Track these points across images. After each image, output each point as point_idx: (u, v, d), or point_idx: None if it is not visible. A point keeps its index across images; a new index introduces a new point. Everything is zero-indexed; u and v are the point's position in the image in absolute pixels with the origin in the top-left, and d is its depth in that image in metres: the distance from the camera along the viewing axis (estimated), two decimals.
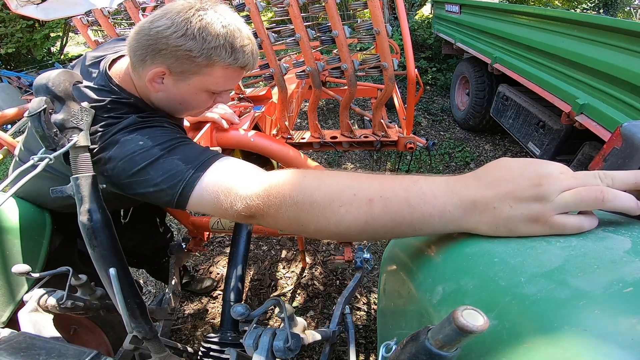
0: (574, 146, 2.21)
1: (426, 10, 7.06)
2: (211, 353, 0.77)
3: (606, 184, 0.34)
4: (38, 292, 0.59)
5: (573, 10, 7.51)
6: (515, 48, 2.65)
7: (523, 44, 2.53)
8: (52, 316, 0.59)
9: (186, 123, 0.93)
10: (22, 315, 0.56)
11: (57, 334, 0.57)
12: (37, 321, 0.56)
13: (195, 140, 0.85)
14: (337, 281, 2.01)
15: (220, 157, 0.59)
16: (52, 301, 0.58)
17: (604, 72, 1.80)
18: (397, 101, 1.99)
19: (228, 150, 1.12)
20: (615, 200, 0.33)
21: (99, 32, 1.45)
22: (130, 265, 0.56)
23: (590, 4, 8.73)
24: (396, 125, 1.41)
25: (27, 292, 0.65)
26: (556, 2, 8.32)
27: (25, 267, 0.57)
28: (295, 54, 2.16)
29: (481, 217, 0.38)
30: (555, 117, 2.27)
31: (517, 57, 2.64)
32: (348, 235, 0.45)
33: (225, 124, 0.97)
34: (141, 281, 2.05)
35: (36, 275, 0.59)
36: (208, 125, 0.93)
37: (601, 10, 8.84)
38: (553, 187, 0.35)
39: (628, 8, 9.37)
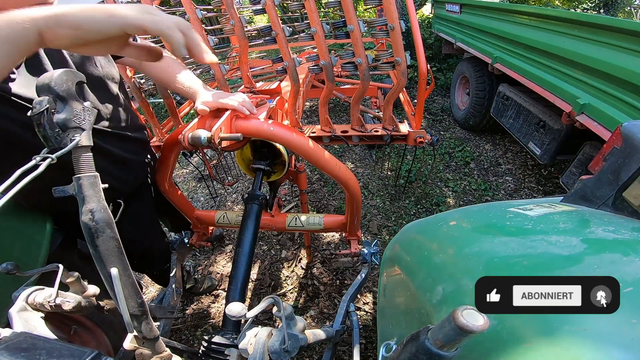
0: (574, 146, 2.21)
1: (426, 10, 7.06)
2: (212, 353, 0.77)
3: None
4: (27, 290, 0.58)
5: (573, 10, 7.50)
6: (516, 48, 2.65)
7: (523, 44, 2.53)
8: (42, 314, 0.58)
9: (206, 108, 0.91)
10: (10, 314, 0.55)
11: (49, 332, 0.56)
12: (27, 320, 0.55)
13: (215, 127, 0.82)
14: (338, 281, 2.01)
15: None
16: (40, 299, 0.57)
17: (604, 72, 1.80)
18: (402, 97, 2.00)
19: (238, 145, 1.11)
20: None
21: None
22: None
23: (590, 4, 8.72)
24: (405, 120, 1.42)
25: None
26: (556, 1, 8.32)
27: (12, 265, 0.55)
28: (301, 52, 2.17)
29: None
30: (556, 116, 2.27)
31: (518, 56, 2.63)
32: None
33: (245, 111, 0.95)
34: (142, 281, 2.05)
35: (25, 273, 0.57)
36: (228, 112, 0.91)
37: (601, 10, 8.83)
38: None
39: (628, 8, 9.35)
